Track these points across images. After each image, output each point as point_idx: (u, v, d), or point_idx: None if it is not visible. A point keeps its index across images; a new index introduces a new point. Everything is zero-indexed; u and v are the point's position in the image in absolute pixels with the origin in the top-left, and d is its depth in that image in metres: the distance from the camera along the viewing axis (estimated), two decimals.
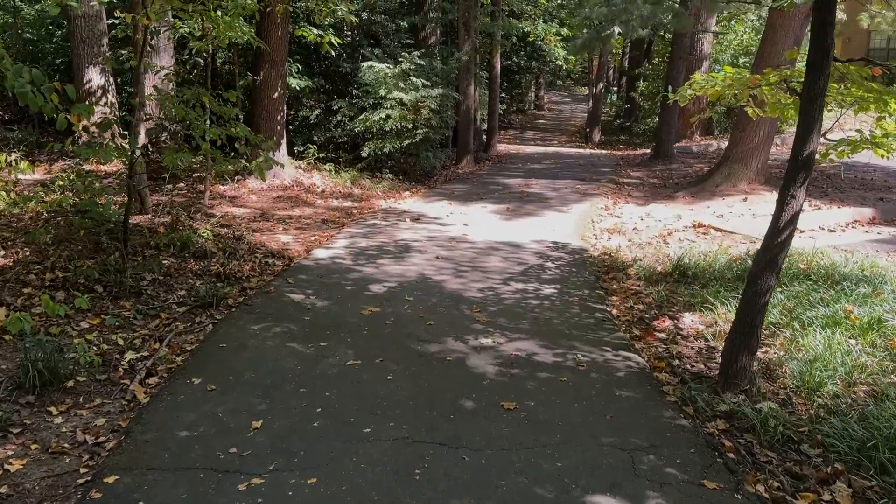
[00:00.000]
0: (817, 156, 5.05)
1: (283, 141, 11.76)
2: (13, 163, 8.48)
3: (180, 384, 4.19)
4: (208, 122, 9.05)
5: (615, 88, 35.22)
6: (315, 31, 10.80)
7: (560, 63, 25.72)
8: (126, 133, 12.06)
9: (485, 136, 18.62)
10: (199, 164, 10.40)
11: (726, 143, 17.09)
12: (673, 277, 6.73)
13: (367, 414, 3.79)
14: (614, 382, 4.28)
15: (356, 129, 12.97)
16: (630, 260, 7.44)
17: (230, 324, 5.21)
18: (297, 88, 13.08)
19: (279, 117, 11.51)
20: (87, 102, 12.38)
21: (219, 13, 8.82)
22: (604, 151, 19.80)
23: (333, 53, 12.70)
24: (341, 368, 4.40)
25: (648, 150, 18.34)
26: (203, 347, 4.76)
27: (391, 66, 12.80)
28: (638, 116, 24.56)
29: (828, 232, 8.95)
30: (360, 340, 4.90)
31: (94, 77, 12.43)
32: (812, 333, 4.94)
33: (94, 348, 4.73)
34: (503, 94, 22.90)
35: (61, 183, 8.64)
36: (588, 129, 23.07)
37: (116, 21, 11.77)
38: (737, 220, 9.39)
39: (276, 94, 11.35)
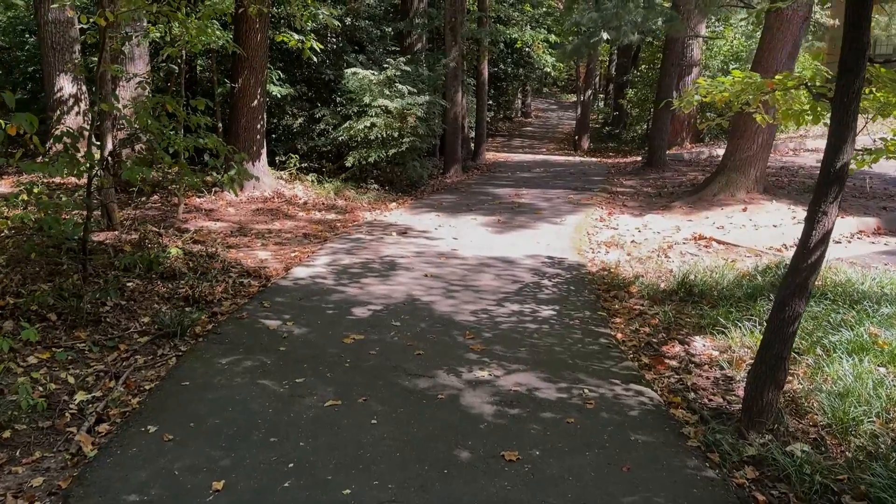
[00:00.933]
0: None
1: (264, 150, 11.24)
2: None
3: (134, 433, 3.66)
4: (182, 132, 8.53)
5: (602, 95, 35.00)
6: (296, 36, 10.31)
7: (548, 70, 25.41)
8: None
9: (472, 145, 18.21)
10: (173, 176, 9.86)
11: (717, 150, 16.81)
12: (678, 296, 6.28)
13: (346, 469, 3.28)
14: (628, 424, 3.80)
15: (340, 138, 12.48)
16: (631, 276, 6.99)
17: (196, 357, 4.67)
18: (279, 96, 12.58)
19: (259, 126, 10.99)
20: (58, 112, 11.86)
21: (190, 16, 8.32)
22: (593, 159, 19.44)
23: (315, 60, 12.21)
24: (318, 411, 3.89)
25: (639, 158, 18.00)
26: (163, 386, 4.23)
27: (376, 73, 12.34)
28: (626, 124, 24.27)
29: (833, 243, 8.52)
30: (341, 375, 4.39)
31: (66, 85, 11.86)
32: (838, 361, 4.50)
33: (40, 388, 4.19)
34: (490, 102, 22.53)
35: (25, 198, 8.08)
36: (577, 137, 22.75)
37: (85, 27, 11.25)
38: (738, 231, 8.98)
39: (256, 102, 10.84)
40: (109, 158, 5.72)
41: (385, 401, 4.02)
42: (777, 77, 4.99)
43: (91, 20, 5.37)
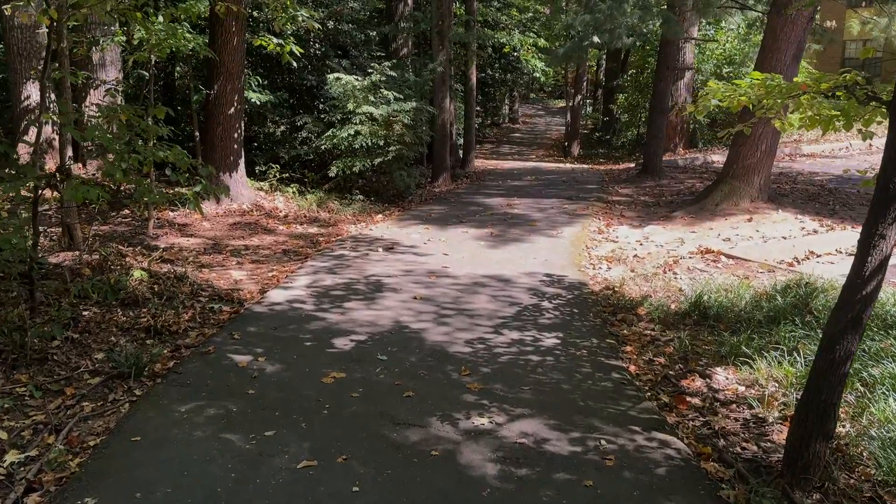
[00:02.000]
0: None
1: (241, 160, 10.62)
2: None
3: None
4: (152, 142, 7.91)
5: (590, 101, 34.66)
6: (275, 40, 9.72)
7: (537, 75, 24.97)
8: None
9: (461, 152, 17.69)
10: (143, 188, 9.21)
11: (712, 156, 16.41)
12: (692, 318, 5.75)
13: None
14: (656, 485, 3.24)
15: (323, 147, 11.89)
16: (637, 296, 6.45)
17: (151, 403, 4.06)
18: (258, 103, 11.98)
19: (236, 135, 10.38)
20: (25, 121, 11.19)
21: (159, 17, 7.73)
22: (585, 166, 18.97)
23: (296, 65, 11.63)
24: (290, 475, 3.29)
25: (632, 165, 17.56)
26: (110, 442, 3.61)
27: (360, 79, 11.76)
28: (617, 129, 23.85)
29: (846, 255, 8.06)
30: (318, 426, 3.79)
31: (34, 93, 11.19)
32: (883, 398, 3.97)
33: None
34: (478, 108, 22.05)
35: None
36: (567, 143, 22.30)
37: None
38: (746, 244, 8.48)
39: (233, 110, 10.23)
40: (57, 174, 5.09)
41: (369, 460, 3.42)
42: (802, 79, 4.49)
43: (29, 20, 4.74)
